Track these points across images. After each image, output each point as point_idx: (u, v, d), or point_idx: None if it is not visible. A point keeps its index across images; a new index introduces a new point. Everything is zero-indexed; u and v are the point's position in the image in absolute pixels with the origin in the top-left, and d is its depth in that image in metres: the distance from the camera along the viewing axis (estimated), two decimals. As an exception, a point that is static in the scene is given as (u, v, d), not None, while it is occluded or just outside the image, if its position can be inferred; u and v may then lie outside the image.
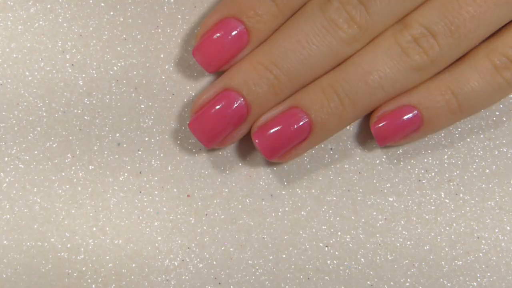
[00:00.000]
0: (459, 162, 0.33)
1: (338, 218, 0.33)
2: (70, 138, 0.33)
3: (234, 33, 0.30)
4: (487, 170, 0.33)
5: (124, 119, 0.33)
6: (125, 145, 0.33)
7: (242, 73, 0.30)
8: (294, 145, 0.31)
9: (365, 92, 0.30)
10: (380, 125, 0.31)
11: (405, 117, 0.30)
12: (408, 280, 0.33)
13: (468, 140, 0.33)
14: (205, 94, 0.31)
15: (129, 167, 0.33)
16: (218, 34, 0.30)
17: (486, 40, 0.30)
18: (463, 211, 0.33)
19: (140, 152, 0.33)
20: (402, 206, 0.33)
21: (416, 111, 0.30)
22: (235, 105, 0.30)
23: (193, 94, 0.33)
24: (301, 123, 0.30)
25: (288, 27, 0.30)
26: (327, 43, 0.30)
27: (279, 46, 0.30)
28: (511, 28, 0.30)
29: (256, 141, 0.31)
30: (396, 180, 0.33)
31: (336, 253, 0.33)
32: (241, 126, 0.31)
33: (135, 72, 0.33)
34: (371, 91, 0.30)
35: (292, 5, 0.30)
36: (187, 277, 0.33)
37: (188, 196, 0.33)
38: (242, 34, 0.30)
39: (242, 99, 0.30)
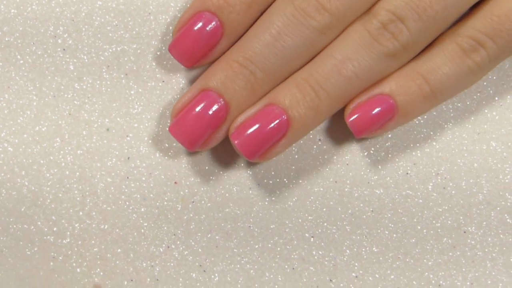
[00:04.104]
0: (447, 156, 0.33)
1: (324, 209, 0.33)
2: (60, 122, 0.33)
3: (208, 27, 0.30)
4: (475, 165, 0.33)
5: (114, 104, 0.33)
6: (114, 131, 0.33)
7: (218, 72, 0.30)
8: (274, 142, 0.30)
9: (340, 82, 0.30)
10: (354, 117, 0.31)
11: (379, 107, 0.30)
12: (394, 272, 0.33)
13: (457, 134, 0.33)
14: (184, 97, 0.31)
15: (117, 153, 0.33)
16: (192, 29, 0.30)
17: (453, 25, 0.30)
18: (450, 205, 0.33)
19: (128, 138, 0.33)
20: (389, 198, 0.33)
21: (390, 100, 0.30)
22: (214, 105, 0.30)
23: (183, 81, 0.33)
24: (278, 120, 0.30)
25: (261, 22, 0.30)
26: (300, 33, 0.29)
27: (252, 42, 0.30)
28: (477, 11, 0.30)
29: (235, 142, 0.30)
30: (384, 172, 0.33)
31: (322, 244, 0.33)
32: (222, 126, 0.31)
33: (126, 58, 0.33)
34: (346, 81, 0.30)
35: None
36: (172, 264, 0.33)
37: (175, 183, 0.33)
38: (216, 27, 0.30)
39: (220, 98, 0.30)
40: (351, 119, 0.31)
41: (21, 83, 0.33)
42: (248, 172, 0.33)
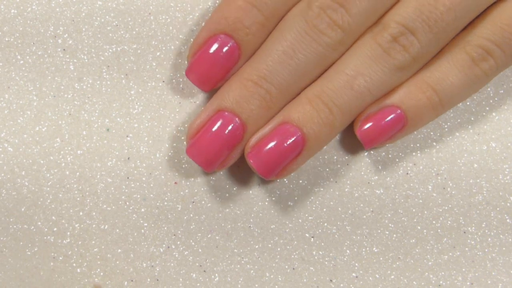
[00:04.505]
0: (447, 156, 0.33)
1: (324, 209, 0.33)
2: (60, 122, 0.33)
3: (225, 49, 0.30)
4: (475, 165, 0.33)
5: (114, 105, 0.33)
6: (114, 131, 0.33)
7: (233, 92, 0.30)
8: (290, 160, 0.30)
9: (352, 98, 0.30)
10: (365, 128, 0.31)
11: (389, 118, 0.30)
12: (394, 272, 0.33)
13: (457, 134, 0.33)
14: (199, 118, 0.31)
15: (117, 153, 0.33)
16: (208, 52, 0.30)
17: (461, 33, 0.30)
18: (450, 205, 0.33)
19: (128, 138, 0.33)
20: (389, 198, 0.33)
21: (399, 111, 0.30)
22: (231, 125, 0.30)
23: (183, 81, 0.33)
24: (294, 138, 0.30)
25: (273, 39, 0.30)
26: (314, 50, 0.29)
27: (266, 60, 0.30)
28: (485, 18, 0.30)
29: (251, 161, 0.30)
30: (384, 172, 0.33)
31: (322, 244, 0.33)
32: (239, 145, 0.30)
33: (126, 59, 0.33)
34: (358, 96, 0.30)
35: (277, 11, 0.30)
36: (172, 264, 0.33)
37: (175, 183, 0.33)
38: (233, 49, 0.30)
39: (236, 118, 0.30)
40: (362, 130, 0.31)
41: (21, 83, 0.33)
42: (248, 172, 0.33)
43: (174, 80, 0.33)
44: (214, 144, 0.30)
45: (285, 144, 0.30)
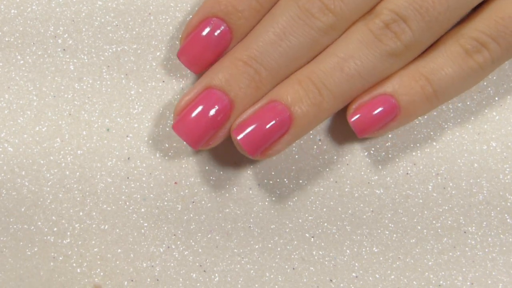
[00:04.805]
0: (447, 156, 0.33)
1: (324, 209, 0.33)
2: (60, 122, 0.33)
3: (216, 32, 0.30)
4: (476, 165, 0.33)
5: (114, 105, 0.33)
6: (114, 131, 0.33)
7: (223, 70, 0.30)
8: (275, 139, 0.30)
9: (342, 80, 0.30)
10: (356, 116, 0.31)
11: (382, 107, 0.30)
12: (394, 272, 0.33)
13: (457, 134, 0.33)
14: (188, 95, 0.31)
15: (117, 153, 0.33)
16: (200, 35, 0.30)
17: (456, 27, 0.31)
18: (450, 205, 0.33)
19: (129, 138, 0.33)
20: (389, 198, 0.33)
21: (392, 100, 0.30)
22: (219, 103, 0.30)
23: (183, 81, 0.33)
24: (281, 116, 0.30)
25: (265, 21, 0.30)
26: (305, 33, 0.30)
27: (257, 41, 0.30)
28: (480, 12, 0.30)
29: (237, 138, 0.30)
30: (384, 172, 0.33)
31: (322, 244, 0.33)
32: (226, 124, 0.30)
33: (126, 59, 0.33)
34: (348, 79, 0.30)
35: None
36: (172, 264, 0.33)
37: (175, 183, 0.33)
38: (224, 32, 0.30)
39: (225, 96, 0.30)
40: (353, 119, 0.31)
41: (21, 83, 0.33)
42: (248, 172, 0.33)
43: (174, 80, 0.33)
44: (201, 121, 0.30)
45: (272, 123, 0.30)
